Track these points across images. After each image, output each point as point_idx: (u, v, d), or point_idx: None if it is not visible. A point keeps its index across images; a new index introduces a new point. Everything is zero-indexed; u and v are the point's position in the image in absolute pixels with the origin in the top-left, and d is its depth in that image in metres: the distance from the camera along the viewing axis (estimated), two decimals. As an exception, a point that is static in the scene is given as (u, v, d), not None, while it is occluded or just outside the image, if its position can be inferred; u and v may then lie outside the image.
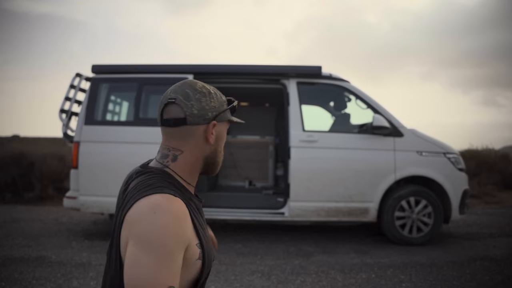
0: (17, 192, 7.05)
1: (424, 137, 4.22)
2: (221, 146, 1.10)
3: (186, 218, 0.95)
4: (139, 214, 0.92)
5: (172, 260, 0.88)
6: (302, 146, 4.11)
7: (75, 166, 4.14)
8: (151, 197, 0.94)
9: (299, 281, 2.94)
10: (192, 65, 4.40)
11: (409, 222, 4.06)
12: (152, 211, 0.91)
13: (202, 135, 1.04)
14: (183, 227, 0.93)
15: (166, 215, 0.91)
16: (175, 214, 0.92)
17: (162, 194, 0.95)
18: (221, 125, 1.08)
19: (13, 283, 2.82)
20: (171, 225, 0.90)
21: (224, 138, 1.11)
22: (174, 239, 0.90)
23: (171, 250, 0.89)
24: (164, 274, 0.86)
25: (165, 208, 0.92)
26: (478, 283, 2.88)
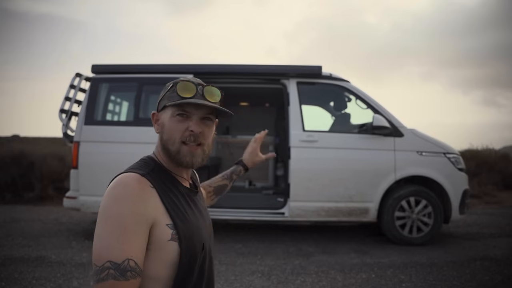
0: (17, 192, 7.04)
1: (424, 137, 4.22)
2: (166, 134, 1.06)
3: (147, 195, 0.96)
4: (106, 190, 0.98)
5: (128, 233, 0.90)
6: (302, 146, 4.11)
7: (75, 166, 4.14)
8: (119, 176, 1.01)
9: (299, 281, 2.94)
10: (192, 65, 4.40)
11: (409, 222, 4.06)
12: (112, 186, 0.97)
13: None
14: (142, 203, 0.94)
15: (123, 190, 0.94)
16: (133, 189, 0.95)
17: (128, 173, 1.00)
18: (163, 113, 1.08)
19: (13, 283, 2.82)
20: (127, 199, 0.93)
21: (169, 126, 1.06)
22: (129, 212, 0.91)
23: (126, 222, 0.90)
24: (120, 244, 0.88)
25: (124, 183, 0.96)
26: (478, 283, 2.88)
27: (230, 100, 6.37)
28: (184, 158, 1.04)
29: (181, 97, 1.04)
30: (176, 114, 1.04)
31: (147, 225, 0.93)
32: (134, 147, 4.05)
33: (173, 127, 1.04)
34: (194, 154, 1.05)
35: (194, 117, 1.04)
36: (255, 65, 4.38)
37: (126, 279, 0.87)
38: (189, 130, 1.03)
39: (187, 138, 1.04)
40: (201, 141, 1.05)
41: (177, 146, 1.04)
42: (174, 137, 1.04)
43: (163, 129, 1.06)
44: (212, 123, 1.09)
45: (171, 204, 1.00)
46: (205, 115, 1.06)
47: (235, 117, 1.24)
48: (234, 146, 6.63)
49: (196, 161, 1.06)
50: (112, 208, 0.92)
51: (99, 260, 0.88)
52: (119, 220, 0.90)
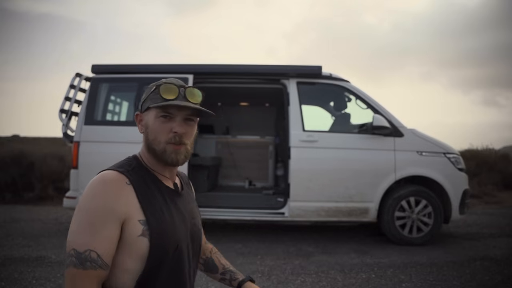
0: (17, 192, 7.04)
1: (424, 137, 4.22)
2: (151, 135, 1.10)
3: (121, 191, 1.00)
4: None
5: (95, 226, 0.95)
6: (302, 146, 4.11)
7: (75, 166, 4.14)
8: (99, 173, 1.06)
9: (299, 281, 2.94)
10: (192, 65, 4.40)
11: (409, 222, 4.06)
12: (91, 182, 1.03)
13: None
14: (114, 199, 0.98)
15: (97, 185, 1.01)
16: (107, 185, 1.00)
17: (108, 170, 1.05)
18: (147, 114, 1.11)
19: (13, 283, 2.82)
20: (99, 194, 0.99)
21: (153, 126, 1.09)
22: (100, 207, 0.97)
23: (95, 216, 0.96)
24: (85, 235, 0.95)
25: (101, 180, 1.02)
26: (478, 283, 2.88)
27: (230, 100, 6.37)
28: (169, 156, 1.09)
29: (164, 99, 1.07)
30: (160, 115, 1.08)
31: (117, 220, 0.98)
32: (134, 147, 4.01)
33: (158, 128, 1.08)
34: (178, 152, 1.09)
35: (177, 118, 1.09)
36: (255, 65, 4.38)
37: (85, 269, 0.93)
38: (173, 132, 1.08)
39: (172, 139, 1.08)
40: (184, 141, 1.10)
41: (163, 146, 1.08)
42: (159, 138, 1.08)
43: (148, 130, 1.10)
44: (194, 123, 1.14)
45: (147, 201, 1.03)
46: (188, 116, 1.10)
47: (235, 117, 1.26)
48: (234, 146, 6.63)
49: (180, 159, 1.11)
50: (86, 202, 0.99)
51: (68, 247, 0.96)
52: (88, 213, 0.96)
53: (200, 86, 4.35)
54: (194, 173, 5.03)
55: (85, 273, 0.93)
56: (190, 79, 4.22)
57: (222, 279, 1.34)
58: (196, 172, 5.18)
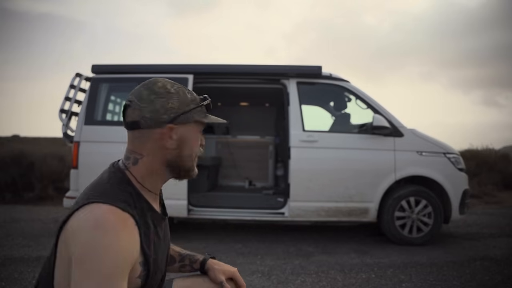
0: (17, 192, 7.04)
1: (424, 137, 4.22)
2: (187, 150, 1.01)
3: (133, 236, 0.88)
4: (80, 228, 0.84)
5: (117, 282, 0.82)
6: (302, 146, 4.11)
7: (75, 166, 4.14)
8: (95, 207, 0.87)
9: (299, 281, 2.94)
10: (192, 65, 4.39)
11: (409, 222, 4.06)
12: (94, 227, 0.83)
13: (158, 139, 0.97)
14: (128, 247, 0.86)
15: (109, 234, 0.83)
16: (120, 232, 0.84)
17: (108, 205, 0.87)
18: (185, 127, 0.99)
19: (13, 283, 2.82)
20: (115, 246, 0.83)
21: (192, 141, 1.02)
22: (118, 262, 0.83)
23: (113, 275, 0.82)
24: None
25: (109, 225, 0.84)
26: (478, 283, 2.87)
27: (230, 100, 6.37)
28: (194, 171, 1.05)
29: (206, 114, 1.04)
30: (200, 130, 1.04)
31: (130, 268, 0.88)
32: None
33: (196, 143, 1.04)
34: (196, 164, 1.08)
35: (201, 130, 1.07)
36: (255, 65, 4.38)
37: None
38: (201, 144, 1.05)
39: (199, 152, 1.06)
40: None
41: (193, 162, 1.04)
42: (194, 153, 1.03)
43: (184, 145, 1.00)
44: None
45: (146, 239, 0.93)
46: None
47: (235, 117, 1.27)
48: (234, 146, 6.63)
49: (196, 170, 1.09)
50: (99, 262, 0.81)
51: None
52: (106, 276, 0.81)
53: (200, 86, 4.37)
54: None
55: None
56: (190, 79, 4.22)
57: (181, 267, 1.23)
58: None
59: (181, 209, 4.09)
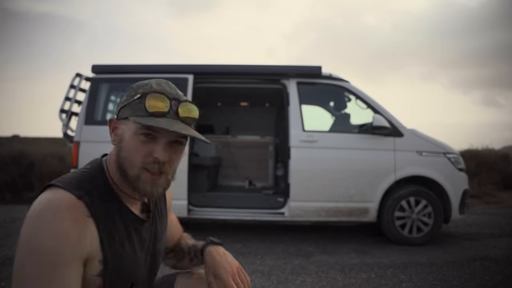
0: (17, 192, 7.04)
1: (424, 137, 4.22)
2: (124, 152, 0.88)
3: (82, 229, 0.81)
4: (30, 210, 0.81)
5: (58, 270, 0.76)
6: (302, 146, 4.11)
7: (75, 166, 4.13)
8: (51, 191, 0.83)
9: (299, 281, 2.94)
10: (192, 65, 4.40)
11: (409, 222, 4.06)
12: (38, 211, 0.79)
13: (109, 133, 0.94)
14: (74, 236, 0.79)
15: (50, 219, 0.78)
16: (65, 219, 0.79)
17: (64, 191, 0.82)
18: (125, 123, 0.90)
19: (13, 283, 2.82)
20: (58, 231, 0.77)
21: (129, 143, 0.88)
22: (58, 248, 0.77)
23: (55, 261, 0.76)
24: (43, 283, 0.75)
25: (54, 211, 0.79)
26: (478, 283, 2.87)
27: (230, 100, 6.38)
28: (143, 186, 0.88)
29: (149, 113, 0.86)
30: (141, 132, 0.87)
31: (80, 261, 0.81)
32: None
33: (135, 147, 0.87)
34: (156, 183, 0.89)
35: (162, 141, 0.88)
36: (255, 65, 4.38)
37: None
38: (154, 157, 0.87)
39: (150, 165, 0.87)
40: (165, 170, 0.89)
41: (137, 171, 0.87)
42: (134, 160, 0.87)
43: (121, 144, 0.90)
44: (182, 147, 0.92)
45: (108, 236, 0.86)
46: (175, 138, 0.89)
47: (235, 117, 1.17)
48: (234, 146, 6.63)
49: (157, 191, 0.90)
50: (37, 243, 0.76)
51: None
52: (45, 260, 0.76)
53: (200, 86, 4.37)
54: (194, 173, 5.03)
55: None
56: (190, 79, 4.22)
57: (191, 260, 1.14)
58: (196, 172, 5.18)
59: (181, 209, 4.09)
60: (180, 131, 0.85)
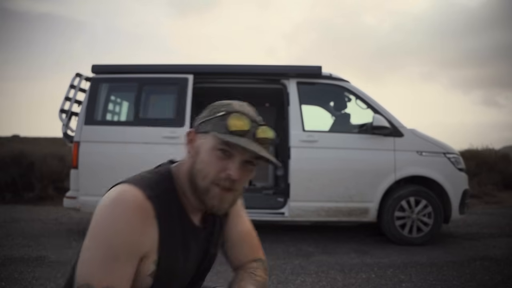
0: (17, 192, 7.04)
1: (424, 137, 4.22)
2: (199, 164, 0.92)
3: (148, 227, 0.87)
4: (103, 200, 0.88)
5: (114, 261, 0.82)
6: (302, 146, 4.11)
7: (75, 166, 4.14)
8: (122, 186, 0.89)
9: (299, 281, 2.94)
10: (192, 65, 4.40)
11: (409, 222, 4.06)
12: (110, 202, 0.86)
13: (186, 143, 0.98)
14: (141, 235, 0.85)
15: (122, 214, 0.84)
16: (133, 216, 0.85)
17: (135, 188, 0.88)
18: (203, 137, 0.93)
19: (13, 283, 2.82)
20: (123, 224, 0.84)
21: (205, 156, 0.91)
22: (125, 242, 0.83)
23: (116, 252, 0.82)
24: (103, 273, 0.82)
25: (124, 205, 0.85)
26: (478, 283, 2.88)
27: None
28: (211, 201, 0.92)
29: (230, 131, 0.90)
30: (219, 148, 0.90)
31: (139, 257, 0.87)
32: (134, 147, 4.05)
33: (210, 161, 0.91)
34: (223, 199, 0.92)
35: (237, 159, 0.91)
36: (255, 65, 4.38)
37: None
38: (227, 173, 0.90)
39: (221, 181, 0.91)
40: (235, 187, 0.93)
41: (207, 184, 0.91)
42: (207, 173, 0.91)
43: (197, 157, 0.93)
44: (254, 168, 0.96)
45: (166, 240, 0.91)
46: (250, 159, 0.93)
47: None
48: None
49: (223, 207, 0.94)
50: (105, 232, 0.84)
51: (80, 277, 0.83)
52: (109, 248, 0.83)
53: (200, 86, 4.37)
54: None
55: None
56: (190, 79, 4.22)
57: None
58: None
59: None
60: (257, 151, 0.90)
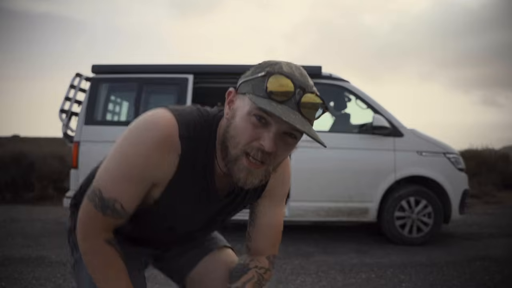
0: (17, 192, 7.04)
1: (424, 137, 4.22)
2: (232, 129, 0.82)
3: (168, 160, 0.85)
4: (139, 118, 0.88)
5: (132, 180, 0.86)
6: (302, 146, 4.08)
7: (75, 166, 4.13)
8: (161, 111, 0.87)
9: (299, 281, 2.94)
10: (192, 65, 4.39)
11: (409, 222, 4.06)
12: (144, 123, 0.86)
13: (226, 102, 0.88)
14: (161, 163, 0.85)
15: (149, 138, 0.83)
16: (158, 146, 0.84)
17: (173, 119, 0.85)
18: (242, 99, 0.82)
19: (13, 283, 2.82)
20: (147, 151, 0.83)
21: (240, 120, 0.81)
22: (143, 166, 0.84)
23: (135, 172, 0.85)
24: (116, 184, 0.86)
25: (155, 132, 0.84)
26: (478, 283, 2.88)
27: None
28: (238, 172, 0.83)
29: (268, 95, 0.77)
30: (254, 113, 0.79)
31: (150, 184, 0.89)
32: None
33: (244, 128, 0.80)
34: (252, 172, 0.82)
35: (274, 129, 0.79)
36: (255, 65, 4.37)
37: (104, 214, 0.88)
38: (260, 143, 0.79)
39: (252, 151, 0.80)
40: (268, 161, 0.82)
41: (238, 153, 0.81)
42: (239, 141, 0.81)
43: (232, 121, 0.83)
44: (295, 141, 0.84)
45: (178, 182, 0.89)
46: (289, 130, 0.80)
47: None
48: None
49: (251, 182, 0.84)
50: (129, 150, 0.85)
51: (96, 181, 0.89)
52: (129, 166, 0.85)
53: (200, 86, 4.37)
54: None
55: (102, 217, 0.88)
56: (190, 79, 4.22)
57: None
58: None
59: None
60: (293, 123, 0.75)
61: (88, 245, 0.91)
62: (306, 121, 0.79)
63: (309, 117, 0.80)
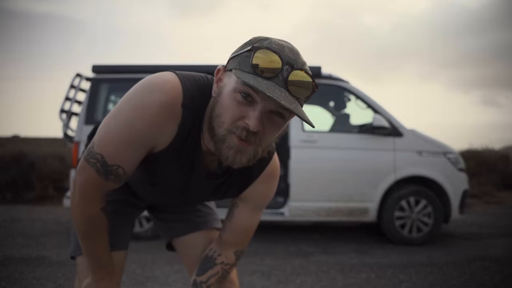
0: (17, 192, 7.04)
1: (423, 137, 4.22)
2: (218, 107, 0.79)
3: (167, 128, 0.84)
4: (146, 78, 0.86)
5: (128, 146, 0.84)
6: (302, 146, 4.12)
7: (75, 166, 4.13)
8: (170, 75, 0.84)
9: (299, 281, 2.94)
10: (192, 65, 4.39)
11: (409, 222, 4.06)
12: (150, 85, 0.83)
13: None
14: (158, 131, 0.84)
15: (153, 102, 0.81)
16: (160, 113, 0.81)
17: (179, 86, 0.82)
18: (228, 76, 0.79)
19: (13, 283, 2.82)
20: (149, 116, 0.81)
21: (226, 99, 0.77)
22: (141, 129, 0.83)
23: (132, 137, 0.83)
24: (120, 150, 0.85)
25: (160, 96, 0.81)
26: (478, 283, 2.88)
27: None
28: (227, 150, 0.79)
29: (253, 70, 0.73)
30: (239, 90, 0.75)
31: (151, 146, 0.87)
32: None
33: (229, 105, 0.76)
34: (241, 150, 0.78)
35: (259, 107, 0.74)
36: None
37: (106, 180, 0.88)
38: (245, 122, 0.75)
39: (238, 131, 0.76)
40: (256, 140, 0.78)
41: (224, 132, 0.78)
42: (224, 120, 0.77)
43: (220, 97, 0.79)
44: (283, 121, 0.80)
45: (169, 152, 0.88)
46: (276, 109, 0.76)
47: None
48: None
49: (239, 160, 0.80)
50: (133, 113, 0.82)
51: (97, 146, 0.86)
52: (128, 132, 0.83)
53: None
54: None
55: (104, 183, 0.88)
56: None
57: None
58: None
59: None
60: (278, 99, 0.70)
61: (86, 209, 0.92)
62: (293, 99, 0.75)
63: (298, 95, 0.76)
